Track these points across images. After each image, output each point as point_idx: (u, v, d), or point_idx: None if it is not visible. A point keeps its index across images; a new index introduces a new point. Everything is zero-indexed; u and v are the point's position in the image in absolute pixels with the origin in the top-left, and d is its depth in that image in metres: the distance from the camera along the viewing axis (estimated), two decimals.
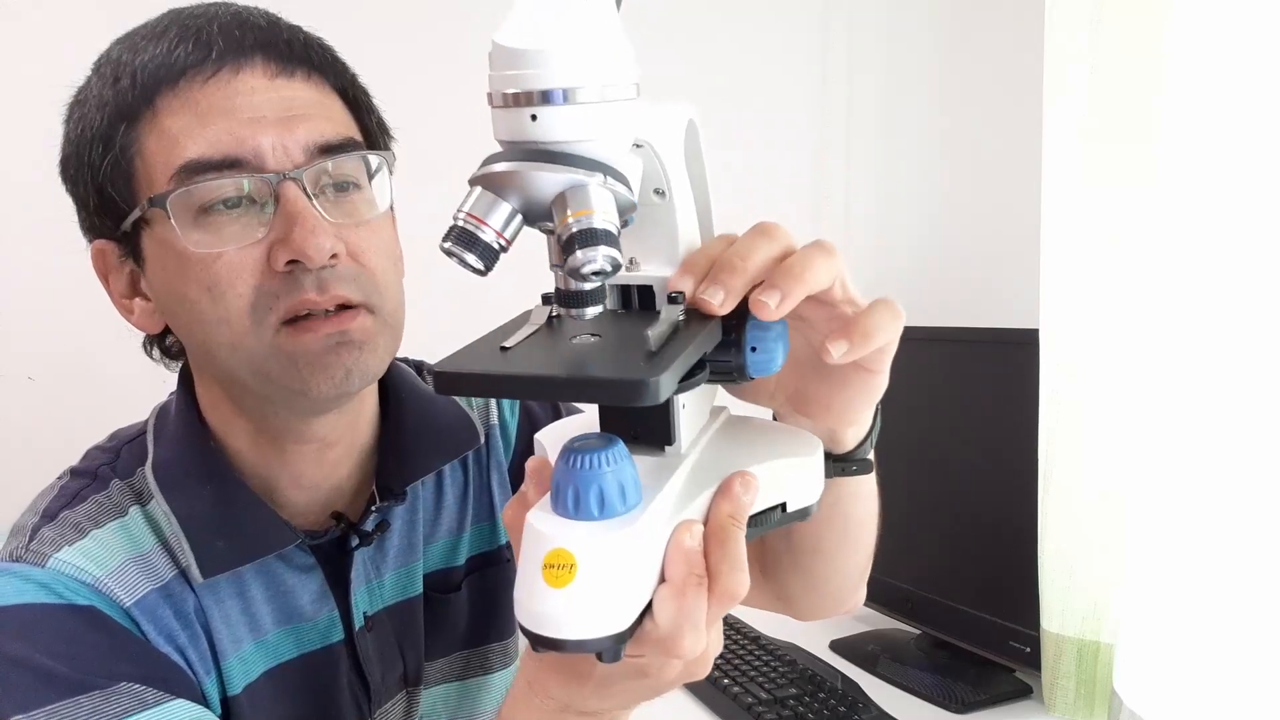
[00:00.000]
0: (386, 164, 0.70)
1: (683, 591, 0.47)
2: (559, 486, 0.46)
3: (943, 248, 1.59)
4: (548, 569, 0.45)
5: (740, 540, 0.49)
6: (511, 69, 0.42)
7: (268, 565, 0.71)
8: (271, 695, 0.72)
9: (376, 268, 0.67)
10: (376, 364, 0.68)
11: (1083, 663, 1.11)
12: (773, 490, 0.53)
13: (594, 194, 0.43)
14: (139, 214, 0.65)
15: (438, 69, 1.45)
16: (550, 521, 0.46)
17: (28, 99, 1.35)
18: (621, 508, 0.46)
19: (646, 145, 0.49)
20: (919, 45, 1.63)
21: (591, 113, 0.42)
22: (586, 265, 0.43)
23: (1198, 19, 1.00)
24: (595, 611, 0.45)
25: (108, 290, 0.71)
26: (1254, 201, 0.97)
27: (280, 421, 0.70)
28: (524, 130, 0.43)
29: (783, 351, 0.52)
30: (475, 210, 0.44)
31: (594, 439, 0.47)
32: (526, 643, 0.54)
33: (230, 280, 0.63)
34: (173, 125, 0.63)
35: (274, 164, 0.63)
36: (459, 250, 0.44)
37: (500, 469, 0.87)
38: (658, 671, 0.50)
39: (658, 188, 0.51)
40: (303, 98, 0.65)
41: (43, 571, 0.64)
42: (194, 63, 0.63)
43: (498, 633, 0.87)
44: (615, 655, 0.46)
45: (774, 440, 0.58)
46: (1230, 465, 0.99)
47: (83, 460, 0.74)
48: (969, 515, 1.29)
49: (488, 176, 0.44)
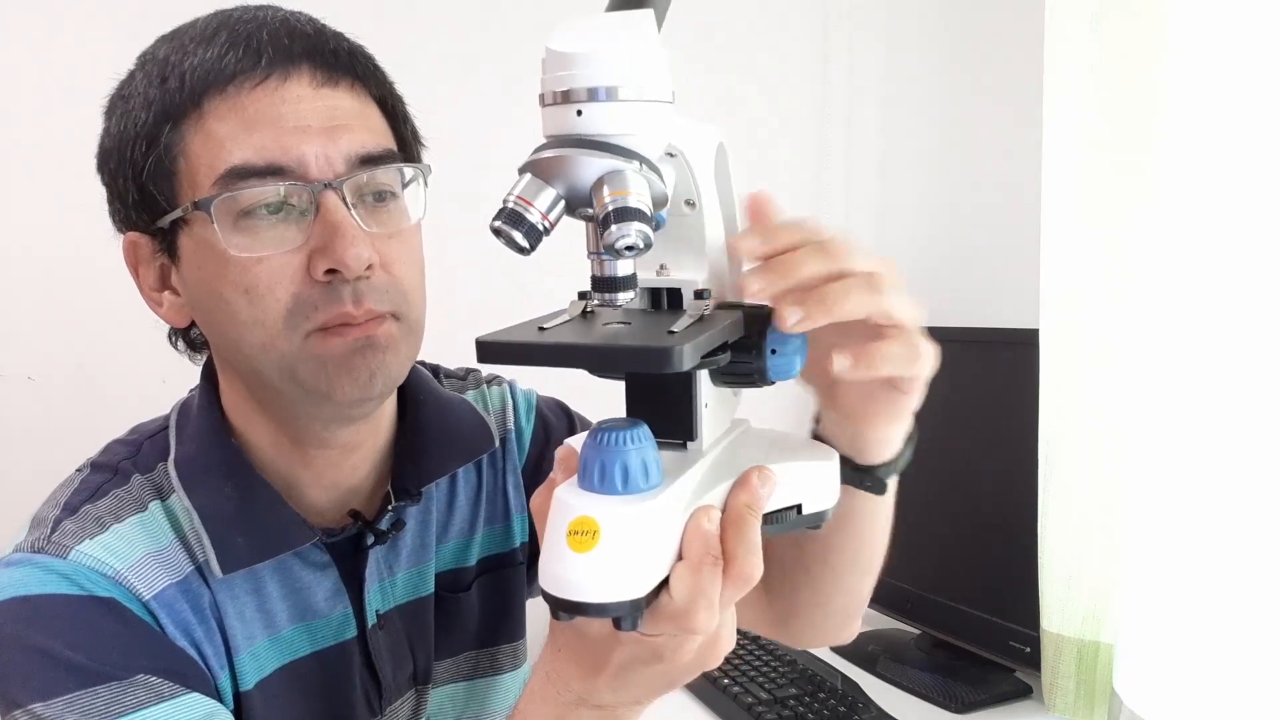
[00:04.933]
0: (421, 175, 0.71)
1: (698, 569, 0.50)
2: (586, 462, 0.50)
3: (943, 248, 1.59)
4: (572, 535, 0.48)
5: (755, 528, 0.52)
6: (561, 70, 0.47)
7: (284, 562, 0.72)
8: (285, 691, 0.73)
9: (405, 277, 0.68)
10: (399, 368, 0.69)
11: (1083, 663, 1.11)
12: (789, 490, 0.56)
13: (631, 178, 0.47)
14: (180, 214, 0.65)
15: (445, 71, 1.45)
16: (576, 494, 0.50)
17: (28, 99, 1.35)
18: (644, 484, 0.49)
19: (679, 155, 0.53)
20: (919, 45, 1.63)
21: (630, 110, 0.47)
22: (621, 239, 0.46)
23: (1198, 19, 1.00)
24: (615, 576, 0.48)
25: (137, 282, 0.72)
26: (1254, 201, 0.97)
27: (304, 426, 0.71)
28: (570, 124, 0.47)
29: (801, 360, 0.55)
30: (524, 194, 0.48)
31: (621, 421, 0.50)
32: (545, 637, 0.56)
33: (270, 285, 0.64)
34: (219, 129, 0.64)
35: (316, 173, 0.64)
36: (507, 229, 0.48)
37: (516, 473, 0.88)
38: (672, 654, 0.52)
39: (689, 199, 0.55)
40: (346, 107, 0.67)
41: (65, 563, 0.65)
42: (243, 69, 0.64)
43: (508, 634, 0.87)
44: (632, 623, 0.49)
45: (793, 447, 0.60)
46: (1230, 465, 0.99)
47: (102, 454, 0.75)
48: (969, 515, 1.29)
49: (536, 163, 0.48)
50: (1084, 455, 1.10)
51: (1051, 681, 1.13)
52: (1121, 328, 1.06)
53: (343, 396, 0.66)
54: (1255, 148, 0.97)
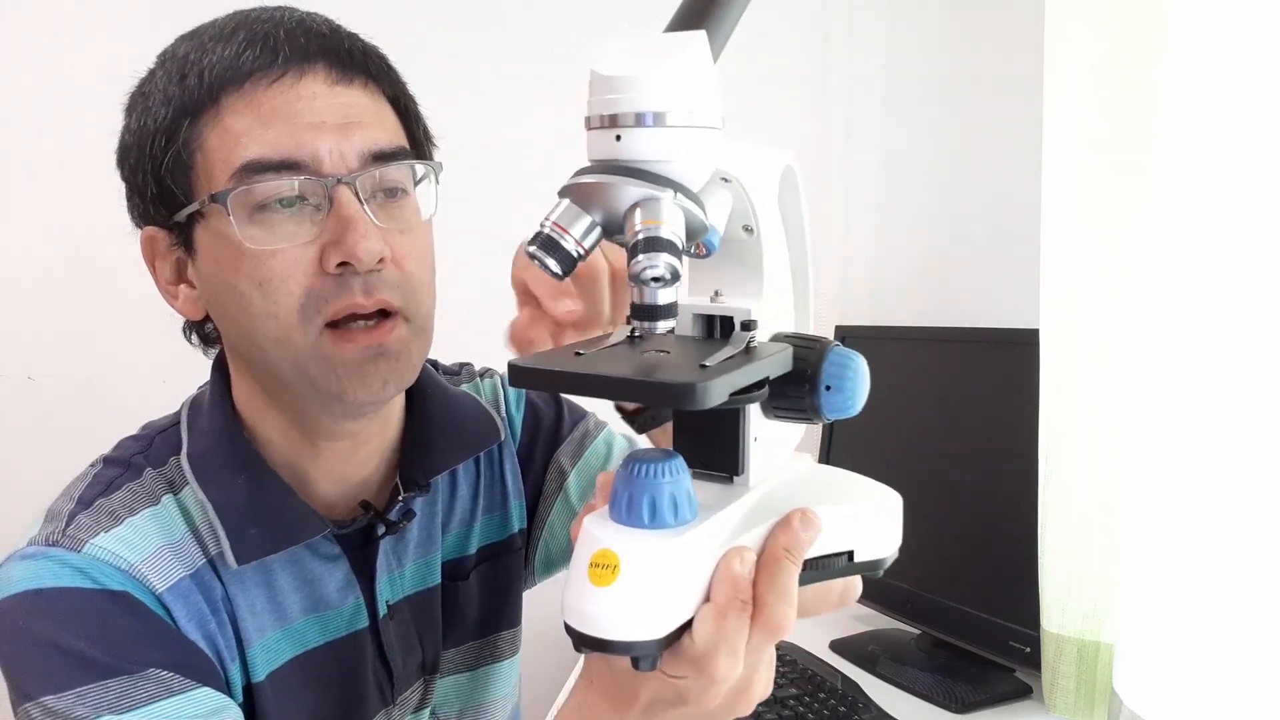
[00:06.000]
0: (433, 173, 0.72)
1: (724, 614, 0.48)
2: (616, 493, 0.48)
3: (943, 248, 1.59)
4: (593, 568, 0.47)
5: (792, 574, 0.50)
6: (603, 94, 0.46)
7: (295, 554, 0.73)
8: (298, 681, 0.74)
9: (415, 273, 0.70)
10: (410, 372, 0.71)
11: (1083, 663, 1.11)
12: (839, 536, 0.53)
13: (665, 207, 0.46)
14: (196, 207, 0.67)
15: (454, 73, 1.45)
16: (603, 525, 0.48)
17: (30, 102, 1.35)
18: (672, 520, 0.47)
19: (735, 181, 0.51)
20: (919, 45, 1.63)
21: (672, 136, 0.46)
22: (648, 270, 0.45)
23: (1198, 18, 1.00)
24: (632, 614, 0.46)
25: (153, 275, 0.73)
26: (1255, 201, 0.97)
27: (314, 419, 0.72)
28: (610, 149, 0.46)
29: (862, 395, 0.52)
30: (560, 220, 0.47)
31: (656, 452, 0.48)
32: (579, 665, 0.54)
33: (283, 277, 0.65)
34: (236, 125, 0.65)
35: (330, 168, 0.66)
36: (541, 255, 0.47)
37: (513, 459, 0.90)
38: (696, 699, 0.50)
39: (746, 224, 0.53)
40: (360, 105, 0.68)
41: (79, 556, 0.66)
42: (260, 66, 0.65)
43: (507, 620, 0.89)
44: (652, 664, 0.47)
45: (851, 488, 0.58)
46: (1230, 465, 0.99)
47: (115, 449, 0.76)
48: (969, 515, 1.29)
49: (573, 188, 0.48)
50: (1084, 455, 1.09)
51: (1051, 681, 1.13)
52: (1121, 328, 1.06)
53: (354, 399, 0.68)
54: (1255, 148, 0.97)
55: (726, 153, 0.49)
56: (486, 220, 1.47)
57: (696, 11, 0.48)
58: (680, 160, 0.46)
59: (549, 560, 0.93)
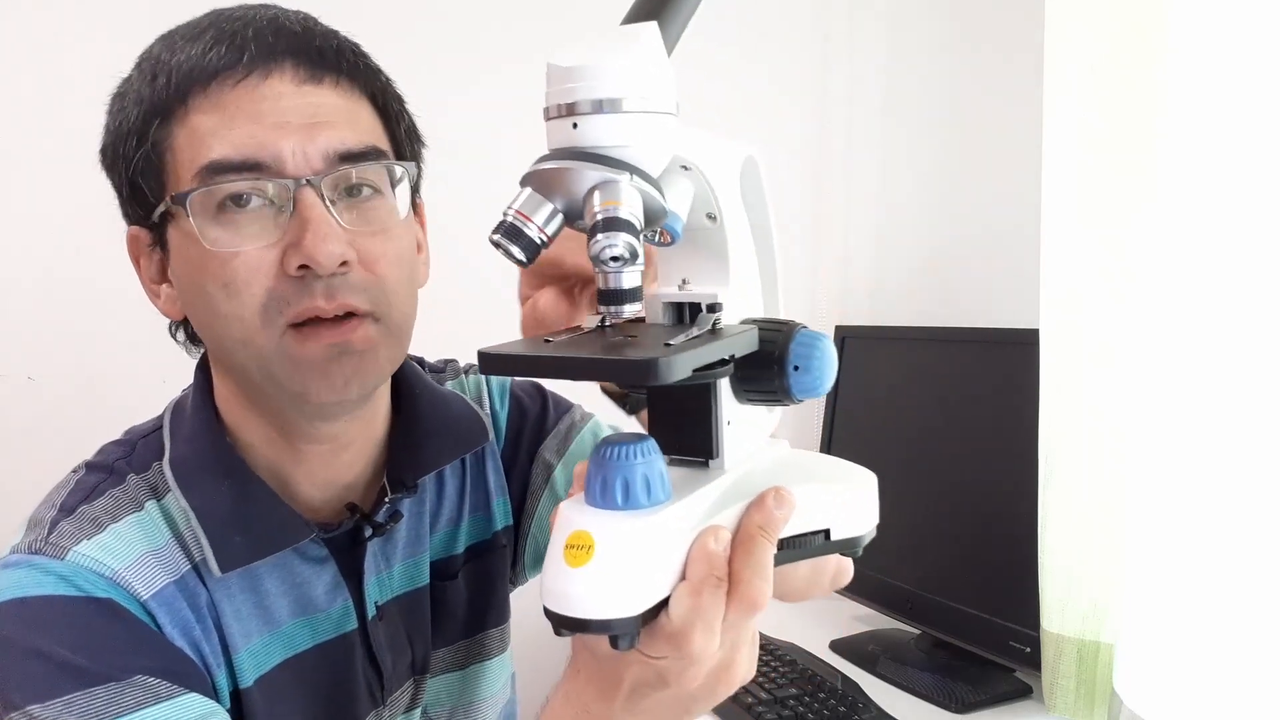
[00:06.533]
0: (408, 174, 0.71)
1: (699, 590, 0.49)
2: (590, 477, 0.49)
3: (943, 248, 1.59)
4: (568, 549, 0.48)
5: (767, 550, 0.50)
6: (559, 84, 0.47)
7: (282, 558, 0.72)
8: (288, 685, 0.73)
9: (388, 276, 0.68)
10: (377, 373, 0.70)
11: (1083, 663, 1.11)
12: (814, 514, 0.54)
13: (623, 190, 0.47)
14: (164, 208, 0.66)
15: (451, 70, 1.45)
16: (578, 509, 0.49)
17: (29, 100, 1.35)
18: (645, 501, 0.48)
19: (695, 169, 0.52)
20: (919, 46, 1.63)
21: (626, 121, 0.47)
22: (607, 250, 0.46)
23: (1198, 18, 1.00)
24: (608, 593, 0.47)
25: (139, 273, 0.73)
26: (1255, 201, 0.97)
27: (291, 421, 0.72)
28: (568, 137, 0.47)
29: (829, 374, 0.53)
30: (523, 208, 0.48)
31: (629, 435, 0.50)
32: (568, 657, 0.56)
33: (246, 279, 0.64)
34: (201, 125, 0.64)
35: (293, 169, 0.64)
36: (506, 242, 0.48)
37: (495, 457, 0.89)
38: (677, 678, 0.51)
39: (709, 212, 0.55)
40: (328, 104, 0.67)
41: (62, 564, 0.65)
42: (225, 65, 0.64)
43: (495, 618, 0.89)
44: (630, 642, 0.49)
45: (826, 469, 0.59)
46: (1230, 465, 0.99)
47: (97, 455, 0.75)
48: (969, 515, 1.29)
49: (534, 175, 0.49)
50: (1084, 455, 1.09)
51: (1051, 681, 1.13)
52: (1121, 328, 1.06)
53: (318, 399, 0.67)
54: (1255, 148, 0.97)
55: (685, 140, 0.50)
56: (485, 220, 1.46)
57: (650, 4, 0.49)
58: (636, 145, 0.47)
59: (538, 555, 0.92)
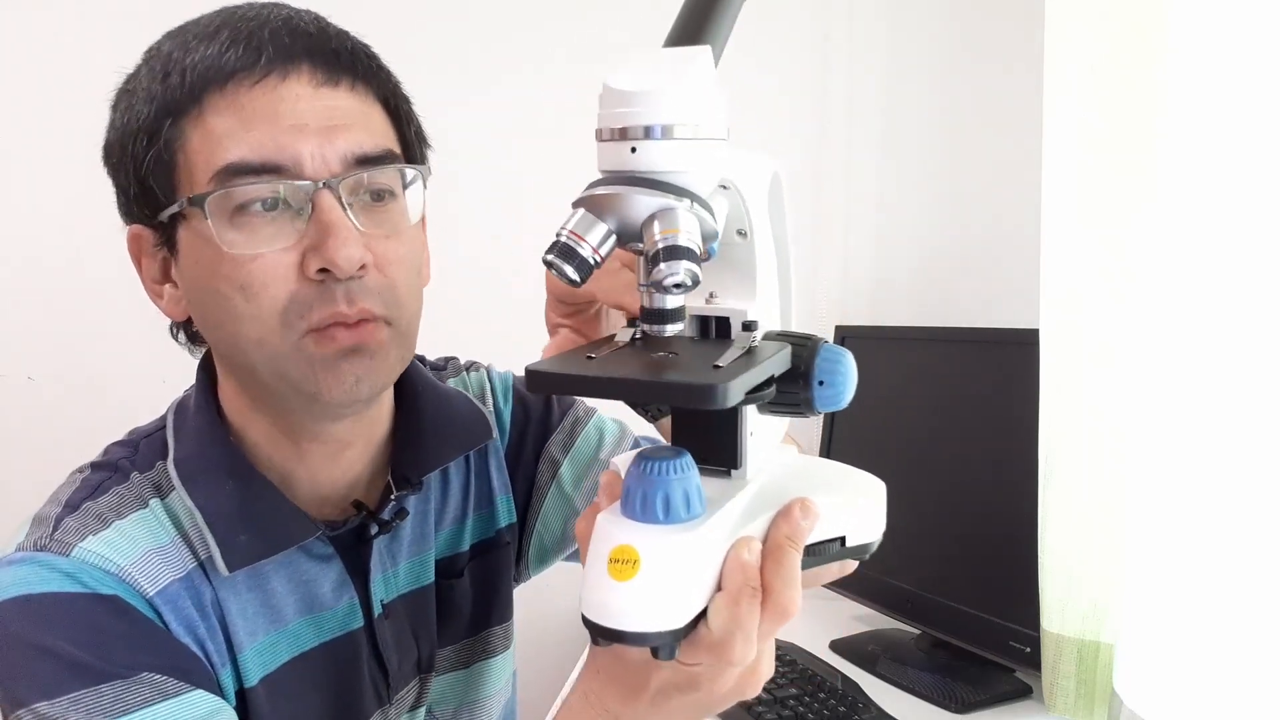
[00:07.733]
0: (421, 177, 0.71)
1: (737, 600, 0.50)
2: (629, 491, 0.50)
3: (943, 248, 1.59)
4: (613, 564, 0.49)
5: (795, 561, 0.52)
6: (618, 108, 0.48)
7: (288, 556, 0.73)
8: (294, 683, 0.73)
9: (400, 279, 0.69)
10: (387, 373, 0.70)
11: (1083, 663, 1.11)
12: (833, 522, 0.56)
13: (681, 217, 0.48)
14: (177, 209, 0.66)
15: (456, 74, 1.45)
16: (618, 522, 0.50)
17: (29, 101, 1.35)
18: (685, 515, 0.50)
19: (733, 187, 0.53)
20: (919, 45, 1.63)
21: (684, 148, 0.48)
22: (669, 277, 0.47)
23: (1198, 18, 0.99)
24: (655, 606, 0.48)
25: (140, 274, 0.73)
26: (1255, 201, 0.97)
27: (297, 421, 0.72)
28: (624, 160, 0.48)
29: (851, 388, 0.55)
30: (577, 229, 0.49)
31: (665, 450, 0.51)
32: (584, 657, 0.56)
33: (264, 282, 0.64)
34: (217, 126, 0.64)
35: (311, 172, 0.64)
36: (559, 262, 0.49)
37: (498, 455, 0.89)
38: (709, 682, 0.53)
39: (740, 229, 0.56)
40: (345, 107, 0.67)
41: (67, 561, 0.65)
42: (243, 66, 0.64)
43: (499, 615, 0.89)
44: (670, 652, 0.50)
45: (839, 478, 0.61)
46: (1230, 465, 0.99)
47: (102, 455, 0.75)
48: (969, 515, 1.29)
49: (589, 199, 0.49)
50: (1084, 455, 1.09)
51: (1051, 681, 1.13)
52: (1121, 328, 1.06)
53: (329, 398, 0.67)
54: (1255, 148, 0.97)
55: (727, 161, 0.51)
56: (487, 220, 1.47)
57: (695, 24, 0.49)
58: (692, 170, 0.48)
59: (543, 552, 0.93)
